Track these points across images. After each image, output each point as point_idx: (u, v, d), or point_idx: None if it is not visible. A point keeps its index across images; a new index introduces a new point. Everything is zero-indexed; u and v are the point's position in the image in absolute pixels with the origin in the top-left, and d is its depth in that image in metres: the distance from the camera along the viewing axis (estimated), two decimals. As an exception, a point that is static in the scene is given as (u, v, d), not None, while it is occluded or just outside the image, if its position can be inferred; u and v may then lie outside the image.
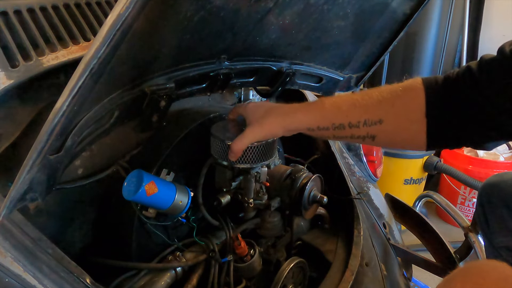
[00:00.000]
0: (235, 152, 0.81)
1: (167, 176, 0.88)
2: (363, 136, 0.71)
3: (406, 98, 0.69)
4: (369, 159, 1.41)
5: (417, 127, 0.68)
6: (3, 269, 0.56)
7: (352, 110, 0.72)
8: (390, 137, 0.72)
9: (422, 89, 0.68)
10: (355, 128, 0.71)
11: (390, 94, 0.70)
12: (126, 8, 0.44)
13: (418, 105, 0.67)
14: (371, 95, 0.72)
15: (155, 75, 0.73)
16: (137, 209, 0.84)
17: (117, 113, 0.69)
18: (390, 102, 0.70)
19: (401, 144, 0.75)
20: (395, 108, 0.69)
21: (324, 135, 0.75)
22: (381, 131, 0.70)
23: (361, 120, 0.70)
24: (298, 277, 1.00)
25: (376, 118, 0.70)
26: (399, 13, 1.03)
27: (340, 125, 0.72)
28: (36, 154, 0.48)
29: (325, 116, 0.74)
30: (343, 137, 0.74)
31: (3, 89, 0.63)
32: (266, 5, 0.74)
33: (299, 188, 0.99)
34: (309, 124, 0.75)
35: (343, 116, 0.72)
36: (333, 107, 0.74)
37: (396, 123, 0.69)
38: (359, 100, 0.73)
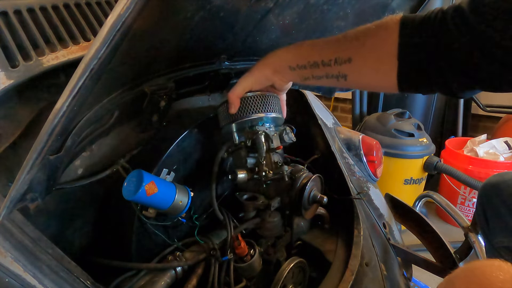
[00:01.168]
0: (232, 101, 0.84)
1: (167, 176, 0.88)
2: (336, 75, 0.73)
3: (377, 38, 0.67)
4: (369, 159, 1.41)
5: (387, 68, 0.67)
6: (3, 269, 0.56)
7: (325, 48, 0.73)
8: (360, 77, 0.72)
9: (396, 28, 0.65)
10: (327, 66, 0.72)
11: (363, 33, 0.70)
12: (126, 9, 0.44)
13: (390, 46, 0.65)
14: (347, 33, 0.72)
15: (155, 75, 0.73)
16: (137, 209, 0.84)
17: (117, 113, 0.69)
18: (361, 40, 0.69)
19: (371, 85, 0.76)
20: (365, 47, 0.68)
21: (304, 74, 0.77)
22: (351, 71, 0.71)
23: (332, 58, 0.71)
24: (298, 277, 1.00)
25: (346, 57, 0.70)
26: (399, 13, 1.03)
27: (314, 63, 0.74)
28: (36, 154, 0.48)
29: (302, 53, 0.77)
30: (320, 77, 0.75)
31: (3, 89, 0.63)
32: (266, 5, 0.74)
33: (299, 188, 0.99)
34: (289, 61, 0.78)
35: (316, 54, 0.74)
36: (309, 45, 0.77)
37: (365, 63, 0.69)
38: (334, 38, 0.74)
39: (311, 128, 1.41)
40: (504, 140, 2.69)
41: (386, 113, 2.70)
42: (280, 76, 0.82)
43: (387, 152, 2.48)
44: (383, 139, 2.49)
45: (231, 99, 0.84)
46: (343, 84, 0.74)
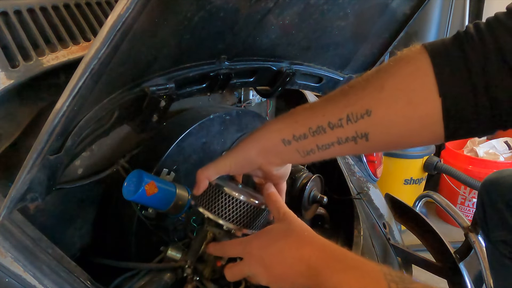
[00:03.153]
0: (197, 180, 0.66)
1: (167, 176, 0.88)
2: (353, 137, 0.54)
3: (400, 75, 0.51)
4: (369, 159, 1.41)
5: (427, 111, 0.49)
6: (3, 269, 0.56)
7: (329, 106, 0.56)
8: (388, 132, 0.53)
9: (424, 58, 0.49)
10: (338, 128, 0.54)
11: (376, 76, 0.53)
12: (127, 9, 0.44)
13: (423, 81, 0.49)
14: (353, 83, 0.56)
15: (155, 75, 0.73)
16: (137, 209, 0.84)
17: (117, 113, 0.69)
18: (377, 84, 0.52)
19: (405, 139, 0.54)
20: (386, 91, 0.51)
21: (306, 147, 0.58)
22: (374, 126, 0.52)
23: (343, 116, 0.53)
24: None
25: (362, 110, 0.52)
26: (399, 13, 1.03)
27: (318, 127, 0.56)
28: (36, 154, 0.48)
29: (298, 120, 0.59)
30: (329, 145, 0.56)
31: (3, 89, 0.63)
32: (266, 5, 0.74)
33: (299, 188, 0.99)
34: (283, 134, 0.60)
35: (319, 116, 0.56)
36: (305, 109, 0.60)
37: (391, 111, 0.51)
38: (337, 93, 0.57)
39: (311, 128, 1.41)
40: (504, 140, 2.69)
41: (386, 113, 2.70)
42: (269, 156, 0.63)
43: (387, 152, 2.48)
44: (383, 139, 2.48)
45: (197, 177, 0.66)
46: (365, 147, 0.55)
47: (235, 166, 0.65)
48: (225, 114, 1.06)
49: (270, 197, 0.64)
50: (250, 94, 1.33)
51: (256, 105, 1.37)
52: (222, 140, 1.06)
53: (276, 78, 1.04)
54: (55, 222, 0.81)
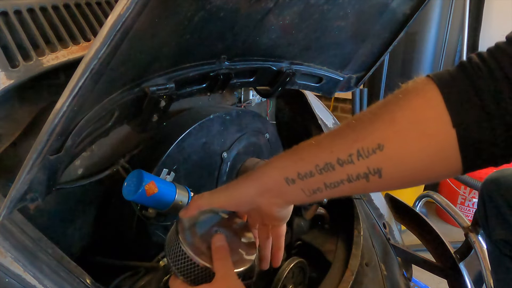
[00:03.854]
0: (189, 205, 0.63)
1: (167, 176, 0.88)
2: (365, 173, 0.50)
3: (411, 107, 0.49)
4: (369, 159, 1.41)
5: (442, 143, 0.47)
6: (3, 269, 0.56)
7: (337, 141, 0.52)
8: (403, 167, 0.49)
9: (434, 89, 0.47)
10: (348, 165, 0.51)
11: (385, 107, 0.51)
12: (127, 9, 0.44)
13: (435, 112, 0.47)
14: (359, 117, 0.53)
15: (155, 75, 0.73)
16: (137, 209, 0.84)
17: (117, 113, 0.69)
18: (388, 117, 0.49)
19: (420, 172, 0.50)
20: (398, 123, 0.48)
21: (312, 186, 0.54)
22: (387, 161, 0.49)
23: (353, 152, 0.50)
24: (298, 277, 1.00)
25: (373, 144, 0.49)
26: (399, 13, 1.03)
27: (326, 164, 0.52)
28: (36, 154, 0.48)
29: (303, 157, 0.55)
30: (339, 183, 0.52)
31: (3, 89, 0.63)
32: (266, 5, 0.74)
33: (299, 188, 0.99)
34: (286, 172, 0.55)
35: (326, 152, 0.52)
36: (310, 145, 0.56)
37: (405, 144, 0.48)
38: (343, 128, 0.54)
39: (311, 128, 1.41)
40: (504, 140, 2.69)
41: (386, 113, 2.70)
42: (271, 196, 0.58)
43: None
44: (383, 139, 2.48)
45: (190, 203, 0.63)
46: (377, 185, 0.51)
47: (230, 203, 0.61)
48: (225, 114, 1.06)
49: (217, 252, 0.59)
50: (250, 94, 1.33)
51: (256, 105, 1.37)
52: (222, 140, 1.06)
53: (276, 78, 1.04)
54: (55, 222, 0.81)
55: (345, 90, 1.26)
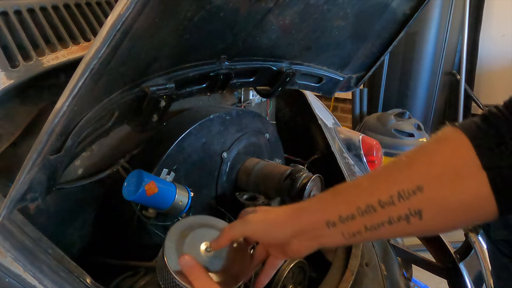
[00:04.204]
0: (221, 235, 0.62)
1: (167, 176, 0.88)
2: (406, 215, 0.52)
3: (445, 152, 0.52)
4: (369, 159, 1.41)
5: (476, 185, 0.49)
6: (3, 269, 0.56)
7: (377, 184, 0.54)
8: (442, 208, 0.52)
9: (462, 136, 0.51)
10: (389, 206, 0.52)
11: (421, 152, 0.54)
12: (127, 9, 0.44)
13: (467, 156, 0.50)
14: (395, 161, 0.55)
15: (155, 75, 0.73)
16: (137, 209, 0.84)
17: (117, 113, 0.69)
18: (425, 160, 0.52)
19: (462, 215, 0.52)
20: (435, 166, 0.51)
21: (352, 229, 0.55)
22: (427, 202, 0.51)
23: (394, 193, 0.52)
24: (298, 277, 1.00)
25: (413, 185, 0.51)
26: (399, 13, 1.03)
27: (368, 207, 0.53)
28: (36, 154, 0.48)
29: (345, 200, 0.55)
30: (379, 225, 0.53)
31: (3, 89, 0.63)
32: (266, 5, 0.74)
33: (299, 188, 0.99)
34: (328, 215, 0.55)
35: (367, 194, 0.54)
36: (351, 187, 0.58)
37: (443, 185, 0.51)
38: (382, 171, 0.56)
39: (311, 128, 1.41)
40: (504, 140, 2.69)
41: (386, 113, 2.70)
42: (306, 239, 0.58)
43: (387, 152, 2.48)
44: (383, 139, 2.48)
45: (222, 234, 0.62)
46: (418, 227, 0.52)
47: (263, 238, 0.60)
48: (225, 114, 1.06)
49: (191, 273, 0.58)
50: (250, 94, 1.33)
51: (256, 105, 1.37)
52: (222, 140, 1.06)
53: (276, 78, 1.04)
54: (55, 222, 0.81)
55: (345, 90, 1.26)
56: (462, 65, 3.10)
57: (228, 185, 1.10)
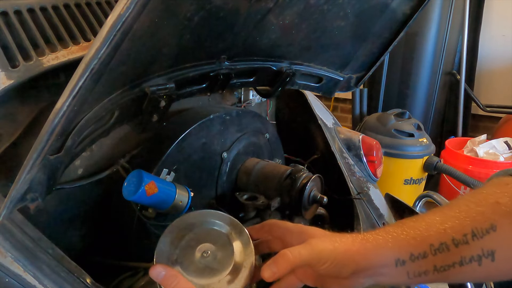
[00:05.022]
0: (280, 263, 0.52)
1: (167, 176, 0.88)
2: (478, 256, 0.49)
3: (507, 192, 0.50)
4: (369, 159, 1.41)
5: None
6: (3, 269, 0.56)
7: (449, 222, 0.50)
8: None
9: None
10: (463, 245, 0.49)
11: (484, 194, 0.52)
12: (127, 9, 0.44)
13: None
14: (460, 201, 0.53)
15: (155, 75, 0.73)
16: (137, 209, 0.84)
17: (117, 113, 0.69)
18: (491, 200, 0.50)
19: None
20: (503, 205, 0.49)
21: (421, 268, 0.51)
22: (500, 242, 0.48)
23: (468, 232, 0.49)
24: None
25: (486, 224, 0.49)
26: (399, 13, 1.03)
27: (441, 245, 0.49)
28: (36, 154, 0.48)
29: (416, 236, 0.51)
30: (449, 266, 0.50)
31: (3, 89, 0.63)
32: (266, 5, 0.74)
33: (299, 188, 0.99)
34: (398, 252, 0.51)
35: (440, 232, 0.50)
36: (419, 223, 0.52)
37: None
38: (449, 209, 0.53)
39: (311, 128, 1.41)
40: (504, 140, 2.69)
41: (386, 113, 2.70)
42: (367, 275, 0.53)
43: (387, 152, 2.48)
44: (383, 139, 2.48)
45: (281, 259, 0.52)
46: (488, 270, 0.49)
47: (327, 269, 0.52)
48: (225, 114, 1.06)
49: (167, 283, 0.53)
50: (250, 94, 1.33)
51: (256, 105, 1.37)
52: (222, 140, 1.06)
53: (276, 78, 1.04)
54: (55, 222, 0.81)
55: (345, 90, 1.26)
56: (462, 65, 3.10)
57: (228, 185, 1.10)
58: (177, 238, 0.58)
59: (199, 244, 0.58)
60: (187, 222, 0.60)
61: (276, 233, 0.61)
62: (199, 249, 0.58)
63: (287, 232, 0.59)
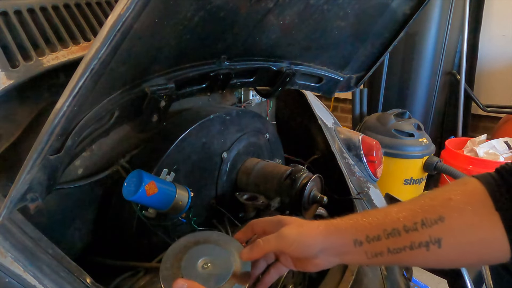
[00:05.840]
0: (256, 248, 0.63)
1: (167, 176, 0.88)
2: (426, 242, 0.57)
3: (462, 191, 0.58)
4: (369, 159, 1.41)
5: (490, 223, 0.55)
6: (3, 269, 0.56)
7: (403, 212, 0.59)
8: (460, 240, 0.57)
9: (478, 183, 0.58)
10: (413, 232, 0.57)
11: (441, 191, 0.60)
12: (127, 9, 0.44)
13: (480, 197, 0.56)
14: (420, 197, 0.61)
15: (155, 75, 0.73)
16: (137, 209, 0.84)
17: (117, 113, 0.69)
18: (445, 196, 0.58)
19: (478, 250, 0.57)
20: (454, 201, 0.57)
21: (376, 249, 0.59)
22: (447, 231, 0.56)
23: (418, 221, 0.57)
24: (298, 277, 1.00)
25: (435, 215, 0.57)
26: (399, 13, 1.03)
27: (393, 230, 0.58)
28: (36, 154, 0.48)
29: (372, 222, 0.60)
30: (401, 249, 0.58)
31: (3, 89, 0.63)
32: (266, 5, 0.74)
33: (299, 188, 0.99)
34: (356, 234, 0.60)
35: (394, 220, 0.59)
36: (379, 212, 0.62)
37: (461, 219, 0.56)
38: (407, 203, 0.62)
39: (311, 128, 1.41)
40: (504, 140, 2.69)
41: (386, 113, 2.70)
42: (331, 254, 0.62)
43: (387, 152, 2.48)
44: (383, 139, 2.49)
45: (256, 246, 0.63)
46: (435, 256, 0.57)
47: (295, 252, 0.62)
48: (225, 114, 1.06)
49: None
50: (250, 94, 1.33)
51: (256, 105, 1.37)
52: (222, 140, 1.06)
53: (276, 78, 1.04)
54: (55, 222, 0.81)
55: (345, 90, 1.26)
56: (462, 65, 3.11)
57: (228, 185, 1.10)
58: (177, 260, 0.65)
59: (198, 259, 0.65)
60: (180, 246, 0.67)
61: (259, 230, 0.69)
62: (199, 264, 0.64)
63: (268, 225, 0.67)
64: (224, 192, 1.09)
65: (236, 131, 1.10)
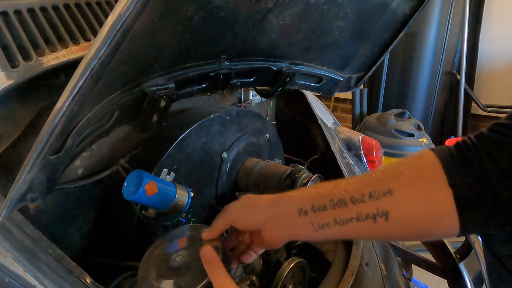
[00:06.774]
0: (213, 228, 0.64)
1: (167, 176, 0.88)
2: (373, 214, 0.55)
3: (417, 165, 0.56)
4: (369, 159, 1.41)
5: (441, 198, 0.53)
6: (3, 269, 0.56)
7: (352, 184, 0.58)
8: (408, 214, 0.55)
9: (434, 156, 0.56)
10: (360, 203, 0.56)
11: (396, 165, 0.58)
12: (127, 9, 0.44)
13: (434, 172, 0.54)
14: (373, 170, 0.61)
15: (155, 75, 0.73)
16: (137, 209, 0.84)
17: (117, 113, 0.69)
18: (397, 170, 0.56)
19: (426, 225, 0.56)
20: (406, 176, 0.55)
21: (322, 220, 0.58)
22: (394, 205, 0.55)
23: (365, 193, 0.56)
24: (298, 277, 1.00)
25: (384, 189, 0.55)
26: (399, 13, 1.03)
27: (340, 201, 0.57)
28: (36, 154, 0.48)
29: (320, 192, 0.59)
30: (347, 220, 0.56)
31: (3, 89, 0.63)
32: (266, 5, 0.74)
33: (299, 188, 0.99)
34: (300, 202, 0.59)
35: (341, 191, 0.57)
36: (328, 184, 0.61)
37: (411, 193, 0.55)
38: (359, 176, 0.62)
39: (311, 128, 1.41)
40: (504, 140, 2.69)
41: (386, 113, 2.70)
42: (278, 226, 0.60)
43: (387, 152, 2.48)
44: (383, 139, 2.49)
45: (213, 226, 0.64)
46: (382, 228, 0.56)
47: (239, 222, 0.63)
48: (225, 114, 1.06)
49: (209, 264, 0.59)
50: (250, 94, 1.33)
51: (256, 105, 1.37)
52: (222, 140, 1.06)
53: (276, 78, 1.04)
54: (55, 222, 0.81)
55: (345, 90, 1.26)
56: (462, 65, 3.11)
57: (228, 185, 1.10)
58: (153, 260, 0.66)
59: (170, 256, 0.66)
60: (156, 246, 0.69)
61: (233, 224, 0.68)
62: (171, 258, 0.65)
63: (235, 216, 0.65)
64: (224, 192, 1.09)
65: (236, 131, 1.10)
